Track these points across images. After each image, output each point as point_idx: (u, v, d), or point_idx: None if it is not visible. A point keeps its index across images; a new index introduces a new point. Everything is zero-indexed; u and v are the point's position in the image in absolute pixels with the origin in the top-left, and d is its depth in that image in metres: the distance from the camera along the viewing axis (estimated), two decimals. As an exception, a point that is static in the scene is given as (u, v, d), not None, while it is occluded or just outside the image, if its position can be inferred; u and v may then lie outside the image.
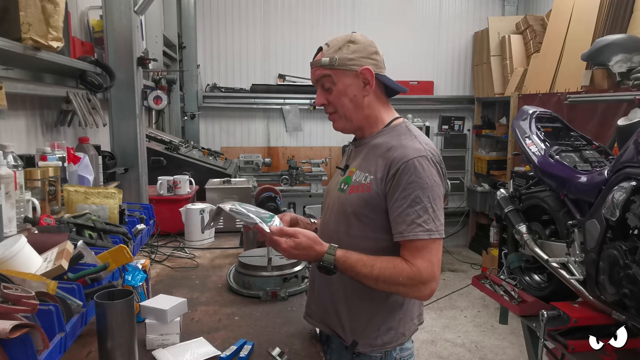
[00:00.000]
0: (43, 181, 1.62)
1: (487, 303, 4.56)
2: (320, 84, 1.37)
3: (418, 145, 1.30)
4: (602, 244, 1.91)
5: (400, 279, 1.24)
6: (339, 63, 1.33)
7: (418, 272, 1.24)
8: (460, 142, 6.36)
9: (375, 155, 1.35)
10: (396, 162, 1.27)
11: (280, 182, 5.43)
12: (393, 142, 1.33)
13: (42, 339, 0.91)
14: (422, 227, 1.24)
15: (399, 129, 1.38)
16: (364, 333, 1.35)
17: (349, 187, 1.36)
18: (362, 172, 1.35)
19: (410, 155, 1.27)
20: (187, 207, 2.51)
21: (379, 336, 1.35)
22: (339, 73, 1.34)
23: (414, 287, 1.25)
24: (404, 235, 1.25)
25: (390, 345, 1.36)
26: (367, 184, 1.32)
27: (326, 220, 1.45)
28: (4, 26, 1.57)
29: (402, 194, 1.25)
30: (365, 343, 1.35)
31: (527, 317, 2.36)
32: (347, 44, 1.34)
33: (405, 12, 6.15)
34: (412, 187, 1.24)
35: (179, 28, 5.22)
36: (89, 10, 2.66)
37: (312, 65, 1.38)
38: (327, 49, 1.35)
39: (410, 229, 1.24)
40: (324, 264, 1.27)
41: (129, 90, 2.47)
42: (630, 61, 3.26)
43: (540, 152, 2.36)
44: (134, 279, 1.57)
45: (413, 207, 1.24)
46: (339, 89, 1.35)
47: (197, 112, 5.53)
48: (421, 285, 1.25)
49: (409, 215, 1.24)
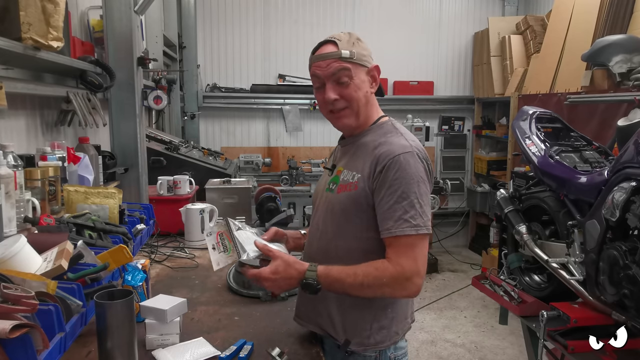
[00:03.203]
0: (43, 181, 1.62)
1: (487, 303, 4.56)
2: (336, 77, 1.32)
3: (404, 142, 1.31)
4: (602, 244, 1.91)
5: (385, 280, 1.23)
6: (357, 57, 1.32)
7: (401, 270, 1.23)
8: (460, 143, 6.36)
9: (362, 154, 1.35)
10: (382, 158, 1.27)
11: (280, 182, 5.44)
12: (379, 140, 1.33)
13: (42, 339, 0.91)
14: (409, 222, 1.23)
15: (385, 126, 1.38)
16: (355, 332, 1.35)
17: (337, 187, 1.36)
18: (350, 171, 1.35)
19: (396, 152, 1.27)
20: (187, 207, 2.50)
21: (372, 335, 1.35)
22: (357, 68, 1.33)
23: (399, 286, 1.24)
24: (391, 231, 1.24)
25: (383, 344, 1.36)
26: (354, 182, 1.31)
27: (316, 221, 1.44)
28: (4, 26, 1.57)
29: (389, 190, 1.25)
30: (358, 342, 1.34)
31: (527, 317, 2.36)
32: (357, 41, 1.34)
33: (405, 12, 6.15)
34: (398, 183, 1.24)
35: (179, 28, 5.22)
36: (89, 10, 2.65)
37: (328, 57, 1.31)
38: (341, 43, 1.32)
39: (398, 224, 1.23)
40: (307, 281, 1.25)
41: (129, 90, 2.47)
42: (631, 61, 3.26)
43: (540, 153, 2.36)
44: (133, 279, 1.57)
45: (400, 203, 1.24)
46: (356, 83, 1.33)
47: (197, 112, 5.53)
48: (406, 283, 1.23)
49: (396, 212, 1.24)
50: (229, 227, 1.34)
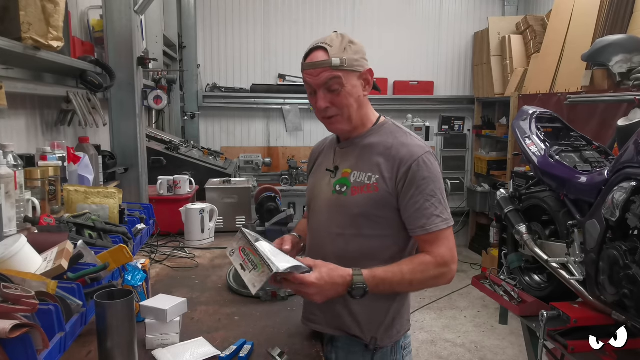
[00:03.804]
0: (43, 181, 1.62)
1: (487, 303, 4.56)
2: (328, 85, 1.32)
3: (417, 142, 1.37)
4: (602, 244, 1.91)
5: (432, 273, 1.30)
6: (348, 64, 1.32)
7: (442, 261, 1.31)
8: (460, 142, 6.36)
9: (373, 155, 1.36)
10: (405, 160, 1.32)
11: (281, 182, 5.44)
12: (390, 141, 1.37)
13: (42, 339, 0.91)
14: (440, 217, 1.31)
15: (389, 127, 1.42)
16: (380, 328, 1.38)
17: (350, 189, 1.36)
18: (363, 173, 1.36)
19: (417, 153, 1.33)
20: (187, 207, 2.51)
21: (394, 326, 1.40)
22: (348, 74, 1.32)
23: (442, 275, 1.32)
24: (426, 228, 1.31)
25: (400, 333, 1.42)
26: (373, 184, 1.34)
27: (323, 224, 1.43)
28: (4, 26, 1.57)
29: (418, 190, 1.31)
30: (385, 337, 1.39)
31: (527, 317, 2.36)
32: (349, 45, 1.33)
33: (405, 12, 6.15)
34: (426, 183, 1.31)
35: (179, 28, 5.22)
36: (89, 10, 2.66)
37: (318, 66, 1.30)
38: (332, 50, 1.31)
39: (431, 221, 1.30)
40: (357, 285, 1.24)
41: (129, 90, 2.47)
42: (631, 61, 3.26)
43: (540, 153, 2.36)
44: (133, 279, 1.57)
45: (430, 201, 1.31)
46: (347, 90, 1.33)
47: (197, 112, 5.53)
48: (447, 270, 1.32)
49: (427, 209, 1.30)
50: (248, 240, 1.25)
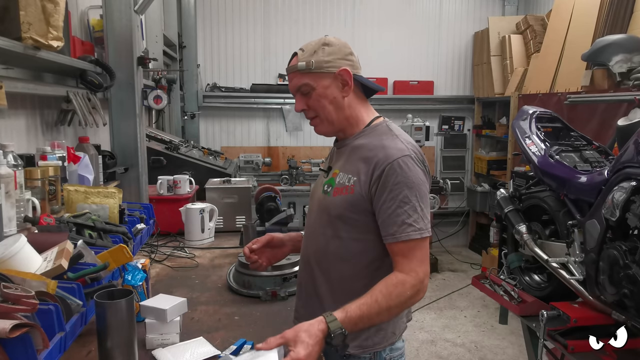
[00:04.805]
0: (43, 180, 1.62)
1: (487, 303, 4.56)
2: (300, 90, 1.35)
3: (400, 144, 1.30)
4: (602, 244, 1.91)
5: (408, 293, 1.22)
6: (316, 66, 1.31)
7: (416, 276, 1.23)
8: (460, 142, 6.36)
9: (357, 157, 1.34)
10: (380, 163, 1.26)
11: (280, 181, 5.43)
12: (375, 143, 1.32)
13: (42, 339, 0.91)
14: (413, 226, 1.23)
15: (380, 128, 1.37)
16: (354, 334, 1.31)
17: (333, 190, 1.35)
18: (346, 174, 1.34)
19: (394, 156, 1.26)
20: (187, 206, 2.51)
21: (370, 337, 1.34)
22: (317, 76, 1.32)
23: (418, 293, 1.24)
24: (395, 236, 1.24)
25: (380, 345, 1.35)
26: (350, 185, 1.31)
27: (311, 223, 1.44)
28: (4, 25, 1.57)
29: (390, 195, 1.24)
30: (356, 345, 1.32)
31: (527, 317, 2.35)
32: (322, 47, 1.33)
33: (405, 12, 6.15)
34: (399, 188, 1.24)
35: (179, 28, 5.22)
36: (89, 9, 2.65)
37: (288, 71, 1.35)
38: (302, 54, 1.33)
39: (402, 229, 1.23)
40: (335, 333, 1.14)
41: (129, 90, 2.47)
42: (631, 61, 3.26)
43: (540, 152, 2.36)
44: (133, 279, 1.57)
45: (402, 208, 1.23)
46: (318, 92, 1.33)
47: (197, 112, 5.53)
48: (422, 287, 1.24)
49: (399, 216, 1.23)
50: None
